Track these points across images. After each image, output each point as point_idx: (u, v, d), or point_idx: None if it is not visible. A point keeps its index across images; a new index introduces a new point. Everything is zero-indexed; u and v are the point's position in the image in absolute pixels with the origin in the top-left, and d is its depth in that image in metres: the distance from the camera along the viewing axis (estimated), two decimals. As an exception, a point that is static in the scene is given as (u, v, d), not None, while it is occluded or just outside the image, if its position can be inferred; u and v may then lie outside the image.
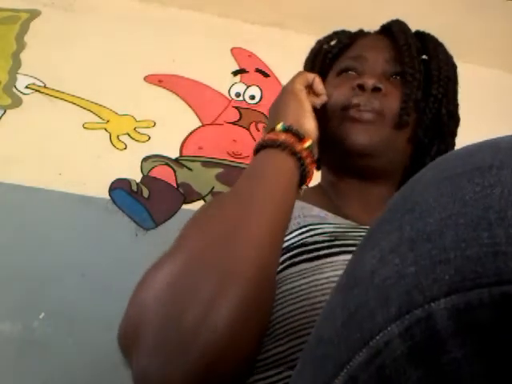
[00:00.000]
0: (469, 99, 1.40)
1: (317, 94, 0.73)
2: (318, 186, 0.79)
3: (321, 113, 0.72)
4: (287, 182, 0.58)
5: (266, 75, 1.37)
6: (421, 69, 0.74)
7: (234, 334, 0.45)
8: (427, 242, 0.28)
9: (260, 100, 1.33)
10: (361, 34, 0.82)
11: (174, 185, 1.19)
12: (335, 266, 0.54)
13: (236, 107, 1.32)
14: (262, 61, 1.38)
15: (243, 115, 1.31)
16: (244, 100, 1.33)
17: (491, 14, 1.35)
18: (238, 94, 1.33)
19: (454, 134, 0.80)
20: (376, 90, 0.70)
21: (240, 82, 1.35)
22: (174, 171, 1.20)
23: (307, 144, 0.61)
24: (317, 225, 0.61)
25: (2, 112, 1.19)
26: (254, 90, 1.35)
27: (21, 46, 1.28)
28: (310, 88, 0.73)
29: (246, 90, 1.34)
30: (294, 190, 0.59)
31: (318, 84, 0.73)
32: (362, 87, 0.70)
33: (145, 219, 1.13)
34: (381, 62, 0.75)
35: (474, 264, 0.26)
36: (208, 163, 1.23)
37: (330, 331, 0.32)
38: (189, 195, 1.18)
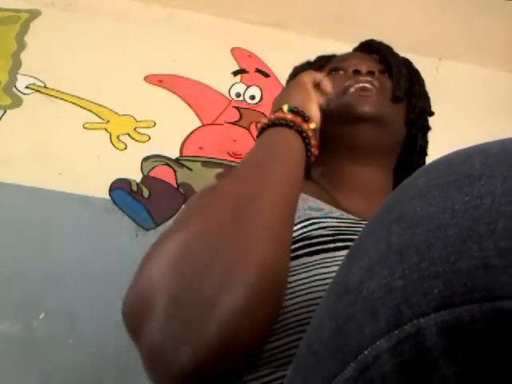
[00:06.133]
0: (468, 99, 1.41)
1: (323, 94, 0.74)
2: (310, 181, 0.79)
3: (322, 112, 0.73)
4: (297, 158, 0.60)
5: (266, 75, 1.37)
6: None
7: (253, 305, 0.44)
8: (415, 254, 0.28)
9: (260, 100, 1.33)
10: (335, 55, 0.87)
11: (174, 185, 1.18)
12: (339, 261, 0.52)
13: (236, 107, 1.32)
14: (262, 61, 1.38)
15: (243, 115, 1.31)
16: (244, 100, 1.33)
17: (491, 13, 1.35)
18: (238, 94, 1.33)
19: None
20: (370, 73, 0.75)
21: (240, 82, 1.35)
22: (174, 171, 1.20)
23: (312, 125, 0.64)
24: (320, 218, 0.60)
25: (2, 112, 1.19)
26: (254, 90, 1.35)
27: (21, 46, 1.28)
28: (316, 87, 0.75)
29: (246, 90, 1.34)
30: (302, 168, 0.61)
31: (327, 83, 0.75)
32: (357, 72, 0.75)
33: (145, 219, 1.13)
34: (366, 62, 0.79)
35: (464, 277, 0.25)
36: (208, 163, 1.23)
37: (319, 342, 0.32)
38: (189, 195, 1.18)
